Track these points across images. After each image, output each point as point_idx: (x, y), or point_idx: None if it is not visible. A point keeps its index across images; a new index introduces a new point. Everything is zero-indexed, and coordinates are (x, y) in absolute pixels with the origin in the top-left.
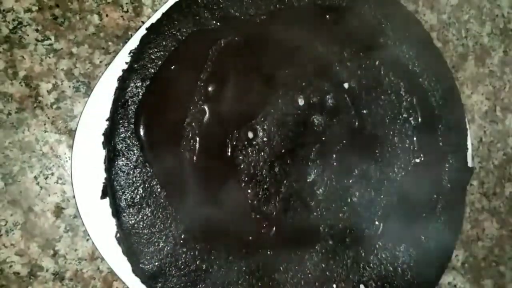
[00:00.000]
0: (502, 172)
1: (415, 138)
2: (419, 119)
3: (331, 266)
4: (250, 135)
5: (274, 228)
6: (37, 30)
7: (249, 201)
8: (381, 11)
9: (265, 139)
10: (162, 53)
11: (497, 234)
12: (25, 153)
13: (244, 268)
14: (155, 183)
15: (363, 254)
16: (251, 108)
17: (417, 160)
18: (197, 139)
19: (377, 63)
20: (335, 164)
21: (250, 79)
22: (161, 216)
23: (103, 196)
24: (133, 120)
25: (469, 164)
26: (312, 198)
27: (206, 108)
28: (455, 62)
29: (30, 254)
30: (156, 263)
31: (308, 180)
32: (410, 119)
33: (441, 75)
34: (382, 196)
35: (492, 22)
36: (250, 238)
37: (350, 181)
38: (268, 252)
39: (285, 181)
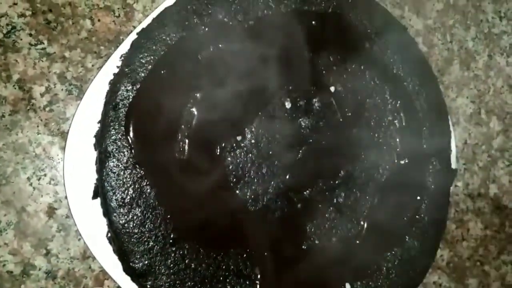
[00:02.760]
0: (486, 173)
1: (399, 141)
2: (404, 122)
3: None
4: (238, 137)
5: (262, 228)
6: (30, 35)
7: (237, 202)
8: (366, 17)
9: (253, 141)
10: (152, 57)
11: (482, 234)
12: (18, 155)
13: (232, 267)
14: (145, 183)
15: (349, 254)
16: (240, 112)
17: (402, 162)
18: (186, 141)
19: (362, 67)
20: (321, 165)
21: (239, 83)
22: (151, 216)
23: (95, 196)
24: (123, 122)
25: (453, 166)
26: (299, 199)
27: (195, 111)
28: (441, 66)
29: (23, 253)
30: (146, 262)
31: (295, 181)
32: (395, 122)
33: (425, 79)
34: (367, 197)
35: (477, 27)
36: (238, 237)
37: (336, 182)
38: (258, 255)
39: (272, 182)
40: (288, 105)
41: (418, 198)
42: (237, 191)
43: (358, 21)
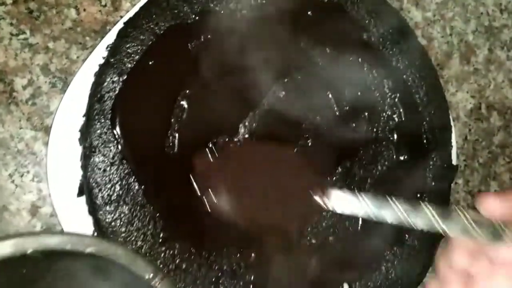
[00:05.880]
0: (487, 170)
1: (398, 136)
2: (403, 117)
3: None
4: (231, 132)
5: (256, 227)
6: (11, 24)
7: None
8: (365, 8)
9: (246, 135)
10: (139, 47)
11: None
12: None
13: (225, 267)
14: (132, 180)
15: (346, 253)
16: (233, 105)
17: (401, 158)
18: (176, 135)
19: (360, 59)
20: (318, 161)
21: (231, 74)
22: (139, 214)
23: (80, 194)
24: (109, 115)
25: (454, 162)
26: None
27: (185, 104)
28: (440, 60)
29: None
30: None
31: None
32: (394, 116)
33: (425, 73)
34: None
35: (477, 20)
36: (231, 236)
37: (334, 178)
38: (252, 254)
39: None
40: (283, 98)
41: (418, 195)
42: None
43: (356, 12)
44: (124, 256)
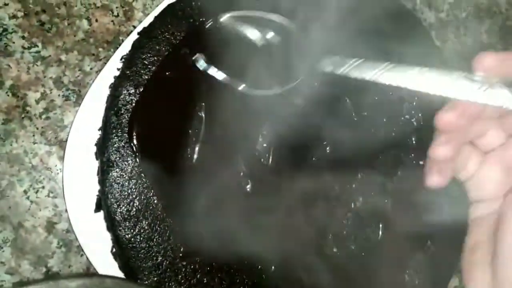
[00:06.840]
0: None
1: (418, 140)
2: (421, 121)
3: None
4: (250, 143)
5: (277, 240)
6: (23, 37)
7: (251, 211)
8: (381, 10)
9: (264, 145)
10: (155, 58)
11: None
12: (13, 166)
13: (247, 281)
14: (151, 194)
15: (369, 262)
16: (251, 114)
17: (421, 162)
18: (194, 147)
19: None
20: (337, 169)
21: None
22: (159, 229)
23: (97, 209)
24: (127, 129)
25: None
26: (315, 206)
27: (203, 115)
28: (455, 61)
29: (22, 272)
30: (155, 279)
31: (310, 188)
32: (412, 120)
33: None
34: (386, 201)
35: (491, 19)
36: (253, 250)
37: (353, 185)
38: (273, 266)
39: (287, 189)
40: (300, 105)
41: (440, 200)
42: (251, 200)
43: (372, 14)
44: None
